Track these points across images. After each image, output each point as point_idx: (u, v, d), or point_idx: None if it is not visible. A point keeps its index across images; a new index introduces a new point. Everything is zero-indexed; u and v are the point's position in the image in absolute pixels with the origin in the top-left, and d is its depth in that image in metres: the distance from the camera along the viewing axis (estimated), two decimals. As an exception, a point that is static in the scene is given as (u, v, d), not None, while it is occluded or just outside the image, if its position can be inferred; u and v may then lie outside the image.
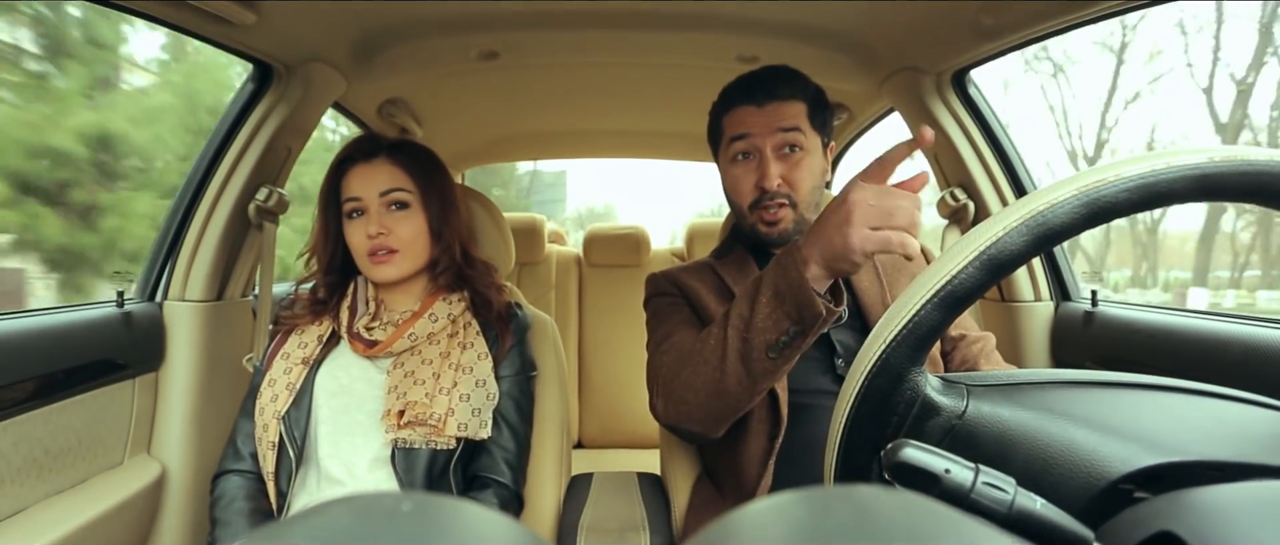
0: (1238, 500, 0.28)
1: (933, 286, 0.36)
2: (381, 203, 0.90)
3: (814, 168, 0.87)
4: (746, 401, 0.73)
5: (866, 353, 0.38)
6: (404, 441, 0.85)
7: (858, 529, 0.18)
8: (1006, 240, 0.35)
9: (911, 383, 0.37)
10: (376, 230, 0.88)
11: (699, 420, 0.77)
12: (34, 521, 0.87)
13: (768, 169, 0.85)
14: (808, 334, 0.66)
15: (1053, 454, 0.34)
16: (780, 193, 0.85)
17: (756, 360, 0.69)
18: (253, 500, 0.87)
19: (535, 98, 1.64)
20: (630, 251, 2.21)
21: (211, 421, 1.16)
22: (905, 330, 0.36)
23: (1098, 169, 0.35)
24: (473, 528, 0.18)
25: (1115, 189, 0.34)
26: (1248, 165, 0.34)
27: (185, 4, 0.87)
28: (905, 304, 0.37)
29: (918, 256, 0.96)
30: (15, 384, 0.87)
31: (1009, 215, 0.36)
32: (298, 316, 0.95)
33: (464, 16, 1.13)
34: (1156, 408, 0.36)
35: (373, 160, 0.91)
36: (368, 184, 0.90)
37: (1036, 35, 1.01)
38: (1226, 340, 0.89)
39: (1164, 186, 0.34)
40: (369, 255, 0.89)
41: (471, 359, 0.91)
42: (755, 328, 0.68)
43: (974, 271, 0.35)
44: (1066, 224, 0.35)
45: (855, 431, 0.39)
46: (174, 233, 1.16)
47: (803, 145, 0.86)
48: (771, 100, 0.85)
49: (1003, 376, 0.39)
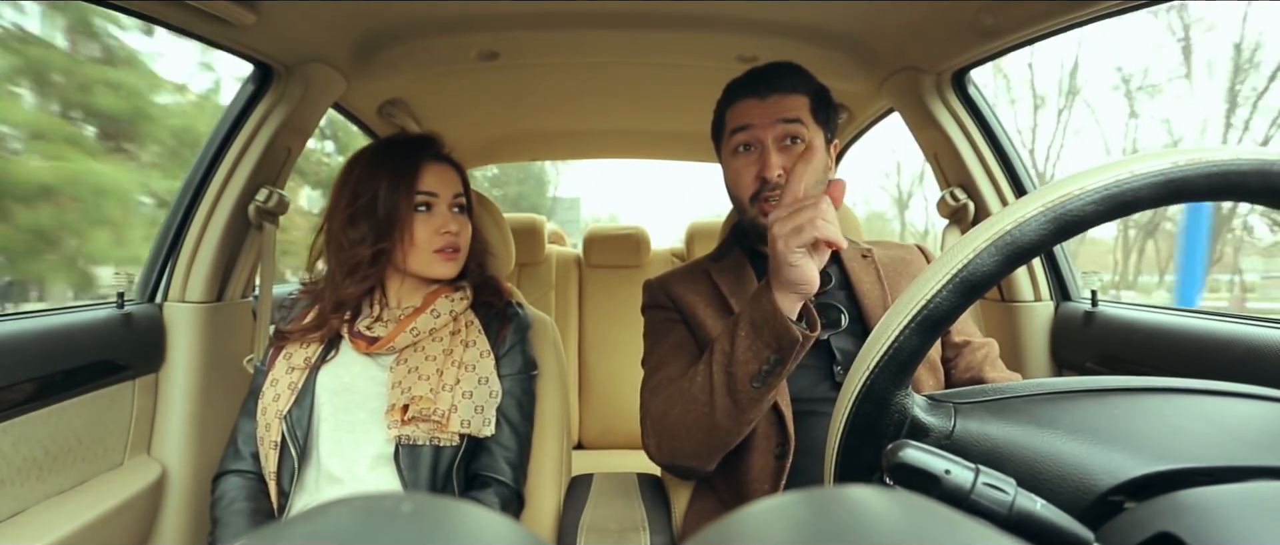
0: (1237, 501, 0.28)
1: (909, 311, 0.36)
2: (451, 203, 0.93)
3: (815, 162, 0.87)
4: (737, 434, 0.77)
5: (852, 380, 0.38)
6: (407, 438, 0.85)
7: (858, 530, 0.18)
8: (978, 262, 0.35)
9: (898, 406, 0.37)
10: (455, 228, 0.92)
11: (692, 455, 0.80)
12: (34, 522, 0.87)
13: (769, 159, 0.85)
14: (787, 361, 0.70)
15: (1041, 469, 0.34)
16: (781, 183, 0.85)
17: (742, 391, 0.73)
18: (253, 500, 0.87)
19: (535, 98, 1.64)
20: (630, 252, 2.21)
21: (211, 422, 1.16)
22: (887, 356, 0.36)
23: (1063, 182, 0.35)
24: (473, 528, 0.18)
25: (1082, 202, 0.34)
26: (1213, 166, 0.34)
27: (185, 4, 0.87)
28: (885, 330, 0.37)
29: (915, 258, 0.96)
30: (16, 385, 0.87)
31: (978, 236, 0.36)
32: (304, 330, 0.92)
33: (464, 16, 1.13)
34: (1145, 413, 0.36)
35: (442, 163, 0.95)
36: (443, 183, 0.93)
37: (1036, 35, 1.01)
38: (1227, 340, 0.89)
39: (1130, 194, 0.34)
40: (437, 250, 0.91)
41: (474, 356, 0.91)
42: (737, 361, 0.72)
43: (948, 294, 0.35)
44: (1035, 241, 0.35)
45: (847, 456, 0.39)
46: (174, 234, 1.16)
47: (804, 137, 0.85)
48: (774, 93, 0.86)
49: (990, 391, 0.40)
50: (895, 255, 0.96)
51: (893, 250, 0.97)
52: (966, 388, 0.40)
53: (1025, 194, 0.90)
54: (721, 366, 0.74)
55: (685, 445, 0.79)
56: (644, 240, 2.22)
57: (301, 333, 0.92)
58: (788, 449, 0.80)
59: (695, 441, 0.78)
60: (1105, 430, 0.34)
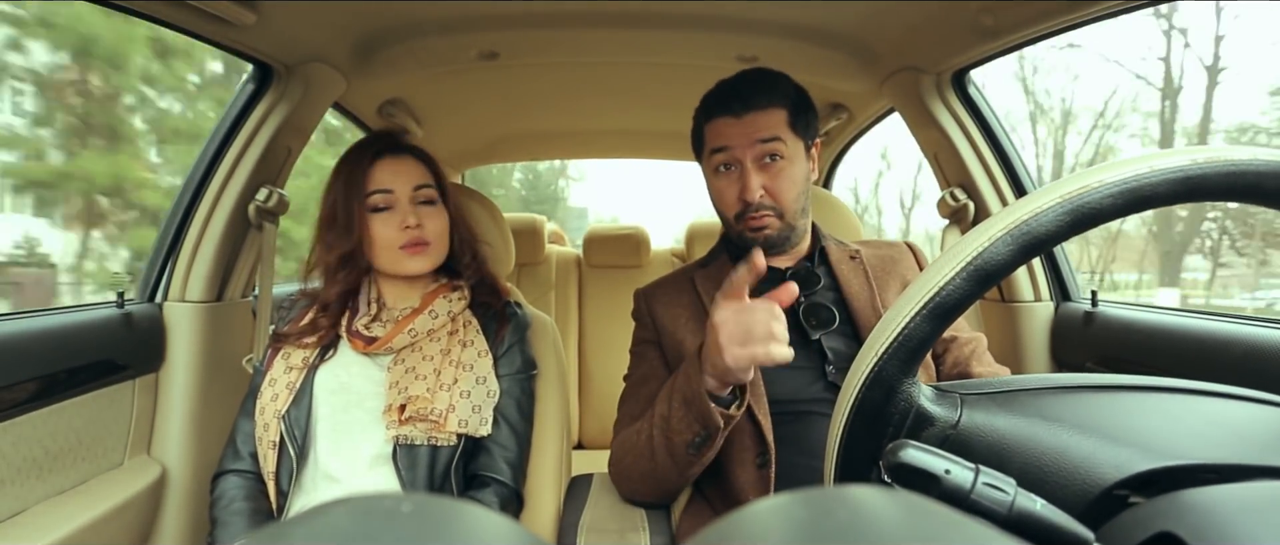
0: (1238, 501, 0.28)
1: (921, 298, 0.36)
2: (414, 197, 0.91)
3: (796, 175, 0.87)
4: (685, 482, 0.81)
5: (859, 365, 0.38)
6: (405, 438, 0.85)
7: (857, 530, 0.18)
8: (992, 250, 0.35)
9: (905, 394, 0.37)
10: (415, 221, 0.89)
11: (647, 496, 0.87)
12: (34, 522, 0.87)
13: (749, 182, 0.85)
14: (714, 438, 0.73)
15: (1046, 462, 0.34)
16: (764, 204, 0.86)
17: (680, 456, 0.76)
18: (252, 501, 0.87)
19: (535, 98, 1.64)
20: (630, 252, 2.21)
21: (211, 422, 1.16)
22: (896, 342, 0.36)
23: (1082, 174, 0.35)
24: (472, 528, 0.18)
25: (1100, 195, 0.34)
26: (1231, 165, 0.34)
27: (185, 4, 0.87)
28: (895, 316, 0.37)
29: (903, 256, 0.95)
30: (16, 385, 0.87)
31: (994, 225, 0.36)
32: (301, 332, 0.92)
33: (464, 16, 1.13)
34: (1151, 410, 0.36)
35: (400, 156, 0.92)
36: (400, 177, 0.90)
37: (1036, 35, 1.01)
38: (1227, 340, 0.89)
39: (1148, 190, 0.34)
40: (402, 247, 0.89)
41: (472, 356, 0.91)
42: (672, 428, 0.75)
43: (961, 282, 0.35)
44: (1051, 231, 0.35)
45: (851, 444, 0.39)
46: (174, 233, 1.16)
47: (783, 154, 0.85)
48: (749, 111, 0.85)
49: (997, 383, 0.39)
50: (884, 254, 0.96)
51: (881, 249, 0.97)
52: (973, 380, 0.40)
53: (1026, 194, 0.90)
54: (661, 430, 0.77)
55: (639, 488, 0.87)
56: (644, 240, 2.22)
57: (297, 335, 0.92)
58: (768, 458, 0.80)
59: (646, 487, 0.85)
60: (1111, 425, 0.34)
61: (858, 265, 0.93)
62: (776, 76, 0.88)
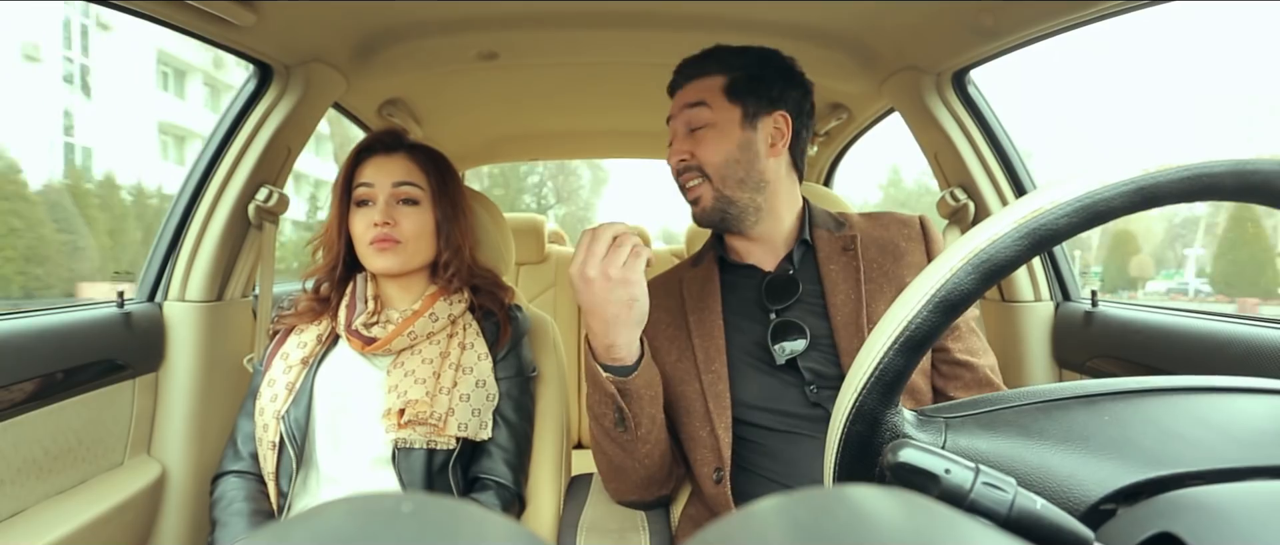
0: (1238, 500, 0.28)
1: (891, 333, 0.36)
2: (393, 194, 0.91)
3: (723, 139, 0.83)
4: (643, 469, 0.82)
5: (841, 402, 0.38)
6: (404, 441, 0.85)
7: (858, 530, 0.18)
8: (955, 281, 0.35)
9: (889, 424, 0.37)
10: (381, 219, 0.89)
11: (631, 493, 0.88)
12: (34, 522, 0.87)
13: (674, 146, 0.87)
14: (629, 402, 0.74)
15: (1032, 481, 0.33)
16: (688, 166, 0.85)
17: (616, 436, 0.78)
18: (253, 501, 0.87)
19: (535, 98, 1.64)
20: None
21: (211, 422, 1.16)
22: (872, 378, 0.37)
23: (1033, 196, 0.36)
24: (473, 528, 0.18)
25: (1054, 215, 0.35)
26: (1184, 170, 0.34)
27: (185, 4, 0.87)
28: (869, 351, 0.37)
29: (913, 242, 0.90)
30: (15, 384, 0.87)
31: (953, 256, 0.36)
32: (299, 315, 0.95)
33: (464, 16, 1.13)
34: (1136, 418, 0.35)
35: (392, 153, 0.93)
36: (382, 173, 0.91)
37: (1036, 35, 1.01)
38: (1227, 340, 0.89)
39: (1103, 204, 0.34)
40: (371, 242, 0.89)
41: (471, 359, 0.91)
42: (595, 413, 0.78)
43: (928, 314, 0.36)
44: (1011, 257, 0.35)
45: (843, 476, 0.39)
46: (174, 233, 1.16)
47: (708, 120, 0.84)
48: (687, 82, 0.87)
49: (979, 403, 0.39)
50: (889, 238, 0.88)
51: (890, 229, 0.89)
52: (957, 402, 0.40)
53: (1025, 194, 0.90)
54: (594, 418, 0.79)
55: (615, 487, 0.89)
56: (644, 240, 2.21)
57: (296, 316, 0.94)
58: (723, 473, 0.79)
59: (617, 481, 0.86)
60: (1095, 438, 0.34)
61: (850, 260, 0.85)
62: (721, 49, 0.88)
